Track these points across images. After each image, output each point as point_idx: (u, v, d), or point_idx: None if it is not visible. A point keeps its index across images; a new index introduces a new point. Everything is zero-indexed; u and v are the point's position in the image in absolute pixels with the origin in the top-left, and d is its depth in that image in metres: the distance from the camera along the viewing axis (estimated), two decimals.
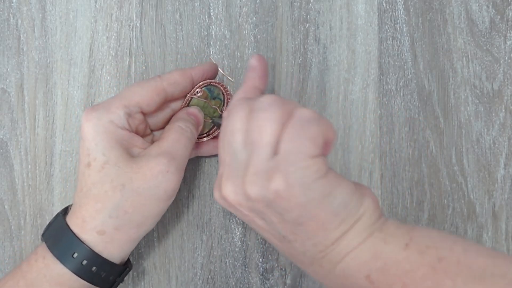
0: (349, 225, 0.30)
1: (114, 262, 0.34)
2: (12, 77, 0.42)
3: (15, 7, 0.43)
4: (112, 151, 0.33)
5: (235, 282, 0.41)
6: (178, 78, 0.36)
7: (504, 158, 0.42)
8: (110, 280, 0.35)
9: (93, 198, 0.33)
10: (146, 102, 0.35)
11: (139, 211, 0.34)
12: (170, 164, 0.34)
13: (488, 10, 0.43)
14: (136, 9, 0.42)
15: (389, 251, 0.29)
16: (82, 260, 0.33)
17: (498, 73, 0.42)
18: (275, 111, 0.29)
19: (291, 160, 0.28)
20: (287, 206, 0.29)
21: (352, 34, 0.43)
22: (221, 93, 0.39)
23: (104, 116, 0.34)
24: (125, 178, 0.33)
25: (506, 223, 0.42)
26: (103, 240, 0.33)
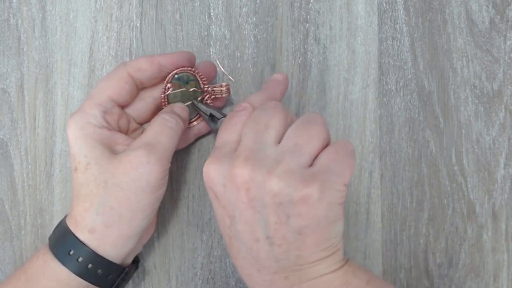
0: (330, 253, 0.31)
1: (111, 260, 0.34)
2: (12, 77, 0.42)
3: (15, 7, 0.43)
4: (93, 151, 0.34)
5: (235, 282, 0.41)
6: (143, 64, 0.36)
7: (504, 158, 0.42)
8: (109, 280, 0.35)
9: (81, 199, 0.34)
10: (117, 94, 0.36)
11: (126, 206, 0.34)
12: (150, 155, 0.34)
13: (488, 10, 0.43)
14: (136, 9, 0.42)
15: (356, 284, 0.32)
16: (78, 257, 0.33)
17: (498, 73, 0.42)
18: (324, 130, 0.32)
19: (332, 179, 0.30)
20: (303, 213, 0.30)
21: (352, 34, 0.43)
22: (190, 75, 0.39)
23: (80, 119, 0.35)
24: (107, 174, 0.33)
25: (506, 223, 0.42)
26: (95, 238, 0.34)
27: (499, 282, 0.42)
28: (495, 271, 0.42)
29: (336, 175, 0.30)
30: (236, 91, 0.42)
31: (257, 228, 0.31)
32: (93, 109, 0.35)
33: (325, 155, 0.31)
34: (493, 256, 0.42)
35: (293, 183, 0.30)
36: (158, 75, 0.37)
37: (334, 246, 0.32)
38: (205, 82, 0.39)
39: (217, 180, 0.31)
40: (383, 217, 0.42)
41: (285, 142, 0.31)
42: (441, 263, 0.42)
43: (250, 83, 0.42)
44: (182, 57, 0.38)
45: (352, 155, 0.32)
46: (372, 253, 0.42)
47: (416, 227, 0.42)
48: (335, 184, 0.30)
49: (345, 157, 0.31)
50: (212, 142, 0.42)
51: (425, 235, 0.42)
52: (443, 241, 0.42)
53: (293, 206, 0.30)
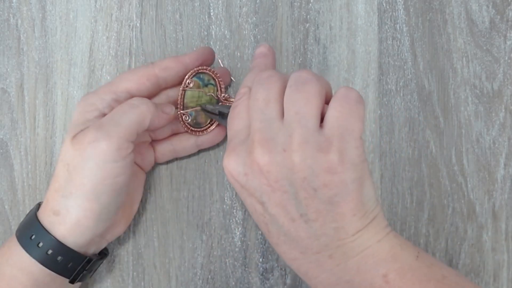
0: (369, 220, 0.30)
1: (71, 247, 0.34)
2: (12, 77, 0.42)
3: (15, 7, 0.43)
4: (72, 130, 0.34)
5: (235, 282, 0.41)
6: (170, 63, 0.36)
7: (504, 158, 0.42)
8: (69, 268, 0.34)
9: (53, 179, 0.34)
10: (135, 88, 0.35)
11: (82, 192, 0.33)
12: (97, 133, 0.32)
13: (488, 10, 0.43)
14: (136, 9, 0.42)
15: (405, 257, 0.30)
16: (39, 243, 0.33)
17: (498, 73, 0.42)
18: (318, 85, 0.30)
19: (346, 138, 0.29)
20: (329, 182, 0.29)
21: (352, 34, 0.43)
22: (211, 78, 0.39)
23: (89, 98, 0.35)
24: (68, 156, 0.33)
25: (506, 223, 0.42)
26: (57, 221, 0.33)
27: (499, 282, 0.42)
28: (495, 271, 0.42)
29: (348, 132, 0.29)
30: (236, 91, 0.42)
31: (289, 208, 0.30)
32: (106, 94, 0.35)
33: (331, 113, 0.30)
34: (493, 256, 0.42)
35: (311, 154, 0.29)
36: (182, 74, 0.37)
37: (371, 211, 0.30)
38: (223, 89, 0.39)
39: (237, 170, 0.31)
40: None
41: (287, 113, 0.30)
42: None
43: None
44: (206, 53, 0.38)
45: (358, 103, 0.30)
46: None
47: (416, 227, 0.42)
48: (350, 142, 0.29)
49: (351, 109, 0.30)
50: None
51: (425, 235, 0.42)
52: (443, 241, 0.42)
53: (317, 178, 0.29)
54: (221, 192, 0.42)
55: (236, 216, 0.41)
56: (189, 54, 0.37)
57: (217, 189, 0.42)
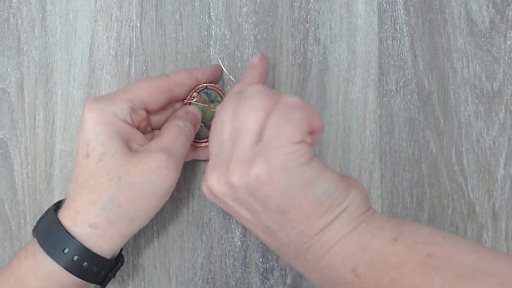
0: (333, 216, 0.29)
1: (105, 257, 0.34)
2: (12, 77, 0.42)
3: (15, 7, 0.43)
4: (112, 142, 0.33)
5: (235, 282, 0.41)
6: (184, 79, 0.37)
7: (504, 158, 0.42)
8: (102, 275, 0.35)
9: (88, 190, 0.33)
10: (151, 100, 0.35)
11: (133, 206, 0.33)
12: (168, 160, 0.33)
13: (488, 10, 0.43)
14: (136, 9, 0.42)
15: (377, 245, 0.28)
16: (73, 256, 0.32)
17: (498, 73, 0.42)
18: (260, 98, 0.30)
19: (274, 145, 0.28)
20: (268, 192, 0.29)
21: (352, 34, 0.43)
22: (219, 95, 0.39)
23: (107, 107, 0.33)
24: (122, 170, 0.32)
25: (506, 223, 0.42)
26: (95, 234, 0.33)
27: None
28: None
29: (277, 138, 0.28)
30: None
31: (257, 223, 0.31)
32: (124, 103, 0.34)
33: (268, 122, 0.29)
34: None
35: (243, 169, 0.29)
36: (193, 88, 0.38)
37: (335, 206, 0.29)
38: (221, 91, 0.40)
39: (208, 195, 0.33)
40: None
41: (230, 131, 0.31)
42: None
43: None
44: (216, 70, 0.39)
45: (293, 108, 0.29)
46: None
47: None
48: (280, 148, 0.28)
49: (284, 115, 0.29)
50: None
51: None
52: None
53: (257, 191, 0.29)
54: None
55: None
56: (201, 70, 0.38)
57: None
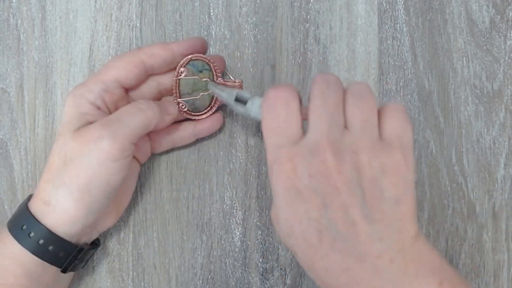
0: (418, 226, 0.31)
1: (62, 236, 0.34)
2: (12, 77, 0.42)
3: (15, 7, 0.43)
4: (70, 122, 0.34)
5: (235, 282, 0.41)
6: (156, 50, 0.36)
7: (504, 158, 0.42)
8: (61, 257, 0.35)
9: (46, 169, 0.34)
10: (124, 75, 0.35)
11: (75, 183, 0.33)
12: (102, 130, 0.33)
13: (488, 10, 0.43)
14: (136, 9, 0.42)
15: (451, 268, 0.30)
16: (30, 233, 0.33)
17: (498, 73, 0.42)
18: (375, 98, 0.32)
19: (404, 143, 0.31)
20: (396, 182, 0.30)
21: (352, 34, 0.43)
22: (205, 64, 0.38)
23: (79, 90, 0.35)
24: (67, 148, 0.33)
25: (506, 223, 0.42)
26: (48, 211, 0.33)
27: (499, 282, 0.42)
28: (495, 271, 0.42)
29: (406, 138, 0.31)
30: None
31: (352, 210, 0.29)
32: (95, 84, 0.35)
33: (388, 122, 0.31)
34: (493, 256, 0.42)
35: (380, 155, 0.30)
36: (170, 61, 0.37)
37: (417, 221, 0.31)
38: (218, 74, 0.39)
39: (300, 173, 0.30)
40: None
41: (353, 120, 0.31)
42: None
43: (250, 83, 0.42)
44: (196, 43, 0.37)
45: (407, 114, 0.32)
46: None
47: None
48: (408, 146, 0.31)
49: (404, 119, 0.32)
50: (212, 143, 0.42)
51: (425, 235, 0.42)
52: (443, 241, 0.42)
53: (385, 177, 0.30)
54: (221, 192, 0.42)
55: (236, 216, 0.41)
56: (177, 42, 0.37)
57: (217, 189, 0.42)
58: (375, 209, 0.29)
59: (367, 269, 0.29)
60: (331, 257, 0.30)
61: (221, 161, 0.42)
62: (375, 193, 0.30)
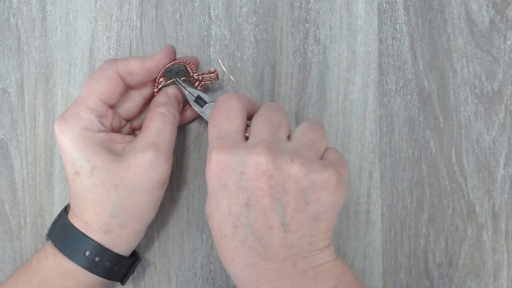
0: (330, 240, 0.33)
1: (123, 255, 0.36)
2: (12, 77, 0.42)
3: (15, 7, 0.43)
4: (96, 155, 0.34)
5: None
6: (134, 69, 0.36)
7: (504, 158, 0.42)
8: (122, 273, 0.37)
9: (91, 203, 0.34)
10: (108, 96, 0.35)
11: (138, 205, 0.34)
12: (158, 156, 0.34)
13: (488, 10, 0.43)
14: (136, 9, 0.42)
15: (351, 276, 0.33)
16: (95, 257, 0.34)
17: (498, 73, 0.42)
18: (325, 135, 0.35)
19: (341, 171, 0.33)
20: (323, 199, 0.31)
21: (352, 34, 0.43)
22: (180, 66, 0.38)
23: (76, 125, 0.34)
24: (116, 178, 0.34)
25: (506, 223, 0.42)
26: (111, 238, 0.34)
27: (499, 282, 0.42)
28: (495, 271, 0.42)
29: (343, 168, 0.33)
30: (236, 91, 0.42)
31: (272, 216, 0.31)
32: (88, 114, 0.34)
33: (330, 154, 0.34)
34: (493, 256, 0.42)
35: (315, 169, 0.31)
36: (147, 80, 0.37)
37: (331, 235, 0.33)
38: (194, 70, 0.39)
39: (232, 168, 0.31)
40: (383, 217, 0.42)
41: (300, 138, 0.33)
42: (441, 263, 0.42)
43: (250, 83, 0.42)
44: (168, 54, 0.37)
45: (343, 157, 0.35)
46: (372, 253, 0.42)
47: (416, 227, 0.42)
48: (344, 173, 0.33)
49: (342, 158, 0.34)
50: None
51: (425, 235, 0.42)
52: (443, 241, 0.42)
53: (314, 192, 0.31)
54: None
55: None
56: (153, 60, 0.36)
57: None
58: (294, 220, 0.31)
59: (271, 267, 0.31)
60: (240, 250, 0.32)
61: None
62: (299, 205, 0.31)
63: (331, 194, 0.31)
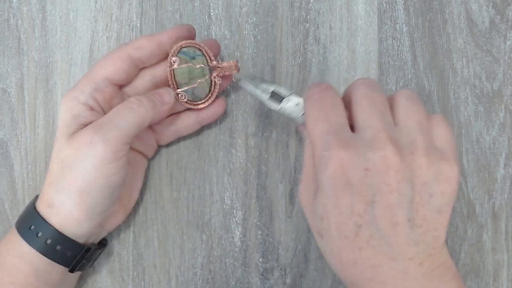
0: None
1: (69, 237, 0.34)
2: (12, 77, 0.42)
3: (15, 7, 0.43)
4: (65, 127, 0.34)
5: (235, 282, 0.41)
6: (143, 42, 0.36)
7: (504, 158, 0.42)
8: (69, 257, 0.35)
9: (48, 172, 0.35)
10: (112, 72, 0.35)
11: (74, 187, 0.33)
12: (95, 135, 0.33)
13: (488, 10, 0.43)
14: (136, 9, 0.43)
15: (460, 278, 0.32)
16: (38, 233, 0.34)
17: (498, 73, 0.42)
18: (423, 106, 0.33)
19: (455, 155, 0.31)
20: (446, 191, 0.30)
21: (352, 34, 0.43)
22: (197, 49, 0.37)
23: (71, 93, 0.35)
24: (63, 153, 0.34)
25: (506, 223, 0.42)
26: (53, 213, 0.34)
27: (499, 282, 0.42)
28: (495, 271, 0.42)
29: (454, 150, 0.32)
30: (236, 91, 0.42)
31: (398, 211, 0.29)
32: (86, 85, 0.35)
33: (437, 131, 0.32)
34: (493, 256, 0.42)
35: (436, 162, 0.30)
36: (158, 52, 0.36)
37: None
38: (212, 59, 0.38)
39: (356, 164, 0.29)
40: None
41: (407, 123, 0.31)
42: None
43: None
44: (182, 29, 0.37)
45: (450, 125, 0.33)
46: None
47: None
48: (457, 159, 0.31)
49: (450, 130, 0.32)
50: (212, 143, 0.42)
51: None
52: None
53: (437, 184, 0.30)
54: (221, 192, 0.42)
55: (236, 216, 0.41)
56: (163, 32, 0.36)
57: (217, 189, 0.42)
58: (419, 214, 0.30)
59: (396, 268, 0.30)
60: (364, 252, 0.30)
61: (221, 161, 0.42)
62: (423, 198, 0.30)
63: (453, 184, 0.30)
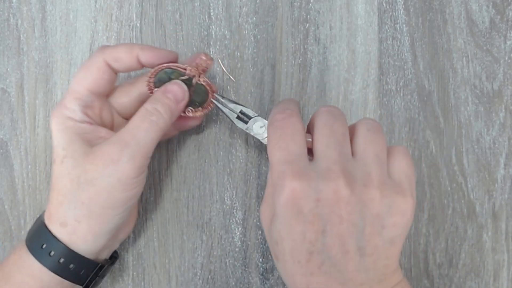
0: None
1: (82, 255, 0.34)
2: (12, 77, 0.42)
3: (15, 7, 0.43)
4: (71, 145, 0.33)
5: (235, 282, 0.41)
6: (121, 54, 0.35)
7: (504, 158, 0.42)
8: (82, 275, 0.35)
9: (56, 192, 0.34)
10: (96, 86, 0.35)
11: (96, 202, 0.33)
12: (121, 152, 0.32)
13: (488, 10, 0.43)
14: (136, 9, 0.42)
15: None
16: (50, 252, 0.33)
17: (498, 73, 0.42)
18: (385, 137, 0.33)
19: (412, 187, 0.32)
20: (399, 223, 0.31)
21: (352, 34, 0.43)
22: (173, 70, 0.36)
23: (61, 113, 0.34)
24: (80, 169, 0.33)
25: (506, 223, 0.42)
26: (66, 232, 0.33)
27: (499, 282, 0.42)
28: (495, 271, 0.42)
29: (413, 183, 0.32)
30: (236, 91, 0.42)
31: (349, 240, 0.30)
32: (72, 104, 0.34)
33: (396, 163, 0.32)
34: (493, 256, 0.42)
35: (390, 195, 0.31)
36: (136, 66, 0.36)
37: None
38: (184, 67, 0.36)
39: (307, 195, 0.30)
40: None
41: (363, 153, 0.32)
42: (441, 263, 0.42)
43: (250, 83, 0.42)
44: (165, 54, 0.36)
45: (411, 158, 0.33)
46: None
47: (416, 227, 0.42)
48: (414, 192, 0.32)
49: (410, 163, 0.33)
50: (212, 143, 0.42)
51: (425, 235, 0.42)
52: (443, 241, 0.42)
53: (390, 217, 0.30)
54: (221, 192, 0.42)
55: (236, 216, 0.41)
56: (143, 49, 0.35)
57: (217, 189, 0.42)
58: (370, 243, 0.30)
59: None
60: (316, 277, 0.31)
61: (221, 161, 0.42)
62: (375, 229, 0.30)
63: (406, 216, 0.31)
